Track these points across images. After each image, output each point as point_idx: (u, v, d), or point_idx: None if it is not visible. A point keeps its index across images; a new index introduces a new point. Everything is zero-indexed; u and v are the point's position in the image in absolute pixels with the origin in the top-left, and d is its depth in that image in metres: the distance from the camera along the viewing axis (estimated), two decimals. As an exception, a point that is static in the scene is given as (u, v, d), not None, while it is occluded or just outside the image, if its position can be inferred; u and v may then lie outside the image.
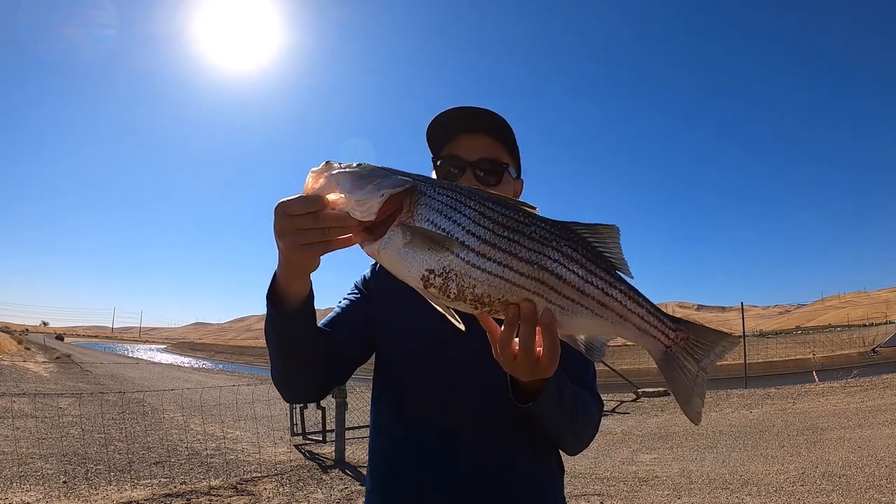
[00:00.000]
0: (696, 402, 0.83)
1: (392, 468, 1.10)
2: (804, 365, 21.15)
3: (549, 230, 0.78)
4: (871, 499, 4.48)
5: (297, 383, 1.05)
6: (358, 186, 0.74)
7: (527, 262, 0.75)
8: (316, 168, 0.78)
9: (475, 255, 0.74)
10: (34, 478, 5.06)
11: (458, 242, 0.74)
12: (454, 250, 0.74)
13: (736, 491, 4.90)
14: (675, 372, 0.82)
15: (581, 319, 0.78)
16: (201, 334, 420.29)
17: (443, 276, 0.74)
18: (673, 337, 0.81)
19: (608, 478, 5.54)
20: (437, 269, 0.74)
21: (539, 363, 0.81)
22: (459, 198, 0.77)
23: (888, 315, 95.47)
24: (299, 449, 6.99)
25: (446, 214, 0.75)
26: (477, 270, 0.74)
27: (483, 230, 0.75)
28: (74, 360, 26.07)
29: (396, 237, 0.75)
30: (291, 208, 0.75)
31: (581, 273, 0.77)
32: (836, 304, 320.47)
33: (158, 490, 4.89)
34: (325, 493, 5.11)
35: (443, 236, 0.74)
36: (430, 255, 0.74)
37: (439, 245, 0.73)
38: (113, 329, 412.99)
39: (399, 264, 0.76)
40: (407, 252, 0.74)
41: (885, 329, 35.05)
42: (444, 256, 0.74)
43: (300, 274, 0.88)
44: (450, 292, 0.75)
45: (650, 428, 8.34)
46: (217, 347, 71.53)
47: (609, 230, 0.80)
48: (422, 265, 0.74)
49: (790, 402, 10.00)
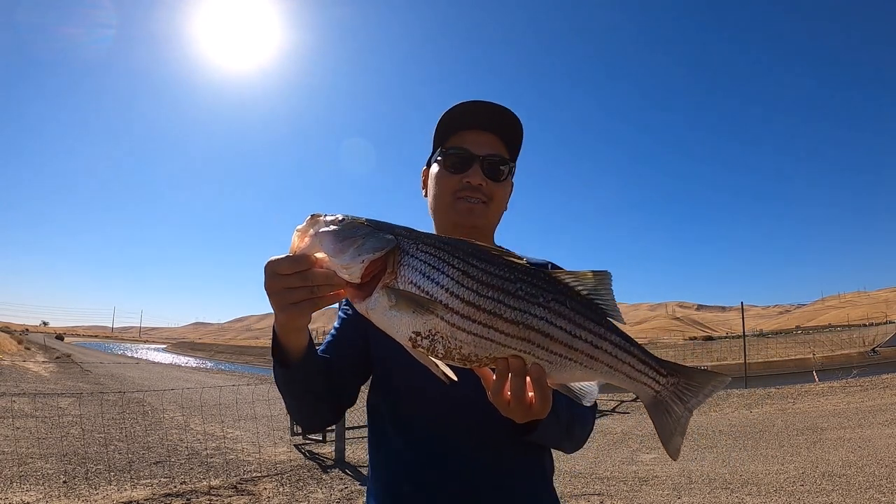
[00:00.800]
0: (676, 441, 0.85)
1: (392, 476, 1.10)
2: (804, 365, 21.15)
3: (535, 285, 0.77)
4: (871, 499, 4.48)
5: (313, 420, 1.12)
6: (340, 250, 0.75)
7: (512, 323, 0.75)
8: (301, 226, 0.79)
9: (459, 317, 0.74)
10: (34, 478, 5.06)
11: (442, 305, 0.74)
12: (438, 313, 0.74)
13: (736, 491, 4.90)
14: (661, 415, 0.84)
15: (571, 372, 0.79)
16: (201, 334, 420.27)
17: (430, 339, 0.75)
18: (663, 383, 0.82)
19: (608, 478, 5.54)
20: (423, 331, 0.75)
21: (531, 408, 0.81)
22: (442, 255, 0.76)
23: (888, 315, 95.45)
24: (299, 449, 6.99)
25: (429, 276, 0.75)
26: (462, 332, 0.75)
27: (467, 291, 0.75)
28: (74, 360, 26.07)
29: (382, 299, 0.75)
30: (280, 268, 0.76)
31: (569, 328, 0.76)
32: (836, 304, 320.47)
33: (158, 490, 4.89)
34: (325, 492, 5.11)
35: (426, 299, 0.74)
36: (415, 317, 0.74)
37: (424, 308, 0.74)
38: (113, 329, 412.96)
39: (387, 325, 0.77)
40: (393, 314, 0.75)
41: (885, 329, 35.06)
42: (429, 319, 0.74)
43: (294, 329, 0.90)
44: (438, 353, 0.76)
45: (650, 428, 8.29)
46: (217, 347, 71.49)
47: (600, 277, 0.80)
48: (409, 327, 0.75)
49: (790, 402, 10.00)
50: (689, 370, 0.84)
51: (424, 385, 1.09)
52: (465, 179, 1.14)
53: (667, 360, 0.83)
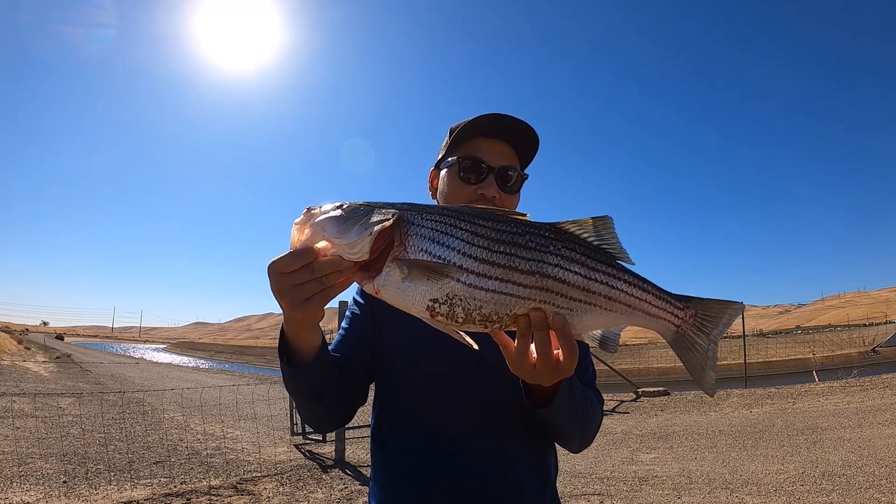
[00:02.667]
0: (709, 375, 0.84)
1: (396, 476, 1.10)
2: (804, 365, 21.14)
3: (544, 235, 0.77)
4: (871, 498, 4.48)
5: (329, 419, 1.11)
6: (345, 230, 0.73)
7: (528, 273, 0.75)
8: (298, 219, 0.77)
9: (475, 276, 0.73)
10: (34, 478, 5.06)
11: (457, 267, 0.73)
12: (454, 275, 0.73)
13: (736, 491, 4.90)
14: (688, 350, 0.83)
15: (591, 317, 0.78)
16: (201, 334, 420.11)
17: (448, 304, 0.74)
18: (682, 316, 0.82)
19: (608, 478, 5.54)
20: (440, 297, 0.74)
21: (559, 366, 0.81)
22: (449, 220, 0.76)
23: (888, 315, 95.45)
24: (299, 449, 6.99)
25: (439, 241, 0.74)
26: (480, 291, 0.74)
27: (479, 249, 0.74)
28: (74, 360, 26.06)
29: (394, 273, 0.74)
30: (284, 265, 0.74)
31: (583, 272, 0.77)
32: (836, 303, 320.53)
33: (158, 490, 4.89)
34: (325, 492, 5.11)
35: (440, 264, 0.73)
36: (430, 284, 0.73)
37: (438, 273, 0.73)
38: (113, 329, 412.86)
39: (401, 299, 0.75)
40: (407, 286, 0.74)
41: (885, 329, 35.03)
42: (444, 284, 0.73)
43: (308, 327, 0.89)
44: (457, 317, 0.74)
45: (650, 428, 8.34)
46: (217, 347, 71.47)
47: (602, 221, 0.80)
48: (424, 296, 0.74)
49: (790, 401, 9.99)
50: (704, 300, 0.83)
51: (431, 385, 1.10)
52: (479, 191, 1.13)
53: (681, 294, 0.83)
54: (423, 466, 1.07)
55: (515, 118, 1.14)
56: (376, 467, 1.16)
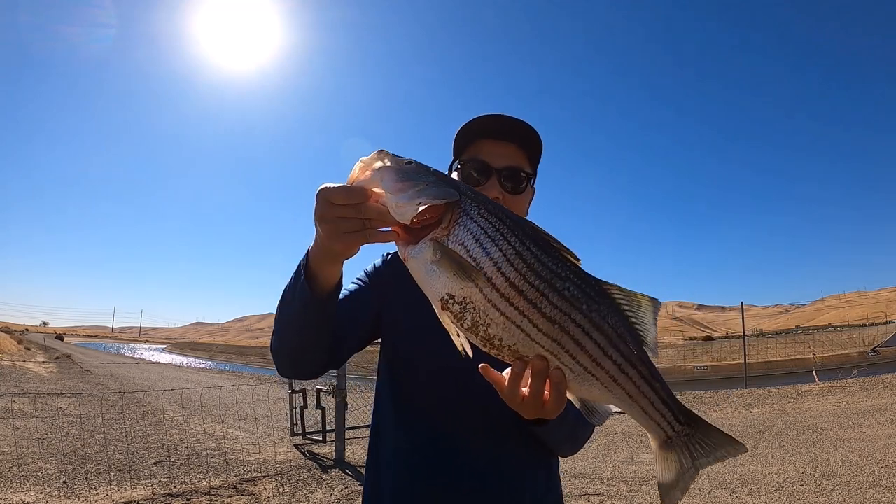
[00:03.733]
0: (675, 495, 0.80)
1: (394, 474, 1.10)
2: (804, 365, 21.16)
3: (583, 290, 0.73)
4: (871, 499, 4.48)
5: (302, 362, 1.04)
6: (400, 189, 0.72)
7: (549, 320, 0.72)
8: (366, 157, 0.75)
9: (499, 295, 0.71)
10: (34, 478, 5.06)
11: (485, 278, 0.70)
12: (479, 284, 0.71)
13: (736, 491, 4.90)
14: (668, 462, 0.80)
15: (589, 388, 0.76)
16: (201, 334, 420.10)
17: (461, 305, 0.72)
18: (678, 430, 0.79)
19: (608, 478, 5.54)
20: (457, 296, 0.71)
21: (545, 407, 0.80)
22: (501, 228, 0.73)
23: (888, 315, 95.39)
24: (299, 449, 6.99)
25: (482, 243, 0.71)
26: (496, 311, 0.71)
27: (514, 272, 0.71)
28: (74, 360, 26.06)
29: (427, 250, 0.72)
30: (335, 196, 0.73)
31: (602, 344, 0.73)
32: (836, 303, 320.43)
33: (158, 490, 4.89)
34: (325, 493, 5.11)
35: (471, 266, 0.70)
36: (454, 280, 0.71)
37: (465, 274, 0.70)
38: (113, 329, 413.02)
39: (423, 277, 0.73)
40: (433, 269, 0.72)
41: (885, 329, 35.07)
42: (467, 286, 0.71)
43: (335, 260, 0.86)
44: (464, 322, 0.73)
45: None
46: (217, 347, 71.48)
47: (648, 302, 0.76)
48: (444, 287, 0.72)
49: (790, 402, 9.99)
50: (708, 426, 0.79)
51: (432, 383, 1.09)
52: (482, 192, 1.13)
53: (690, 409, 0.79)
54: (423, 465, 1.07)
55: (515, 118, 1.13)
56: (374, 465, 1.16)
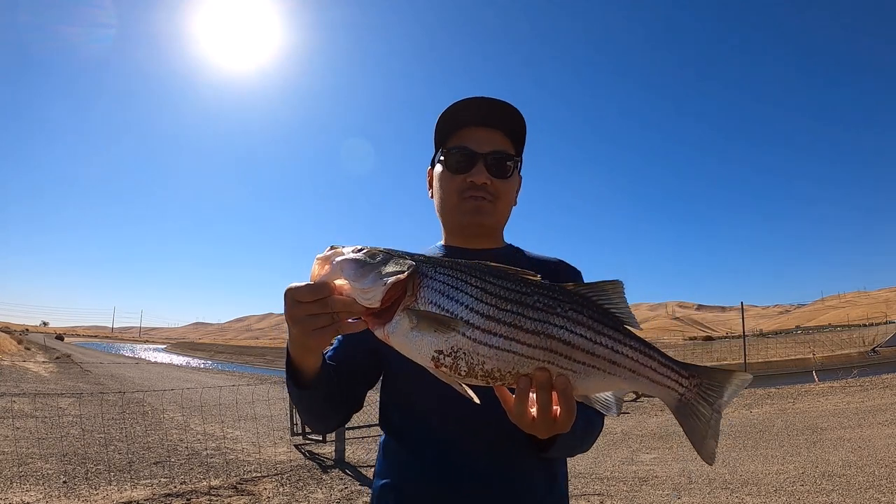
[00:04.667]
0: (710, 444, 0.84)
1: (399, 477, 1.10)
2: (804, 365, 21.14)
3: (552, 297, 0.78)
4: (871, 499, 4.48)
5: (325, 425, 1.15)
6: (361, 275, 0.76)
7: (533, 333, 0.76)
8: (321, 254, 0.80)
9: (481, 332, 0.75)
10: (34, 478, 5.06)
11: (463, 321, 0.75)
12: (460, 330, 0.75)
13: (736, 491, 4.90)
14: (690, 418, 0.83)
15: (594, 380, 0.79)
16: (201, 334, 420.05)
17: (452, 356, 0.75)
18: (686, 385, 0.82)
19: (608, 478, 5.54)
20: (445, 349, 0.75)
21: (557, 422, 0.81)
22: (460, 276, 0.78)
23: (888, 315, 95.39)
24: (299, 449, 6.99)
25: (448, 295, 0.76)
26: (484, 347, 0.75)
27: (486, 306, 0.76)
28: (74, 360, 26.07)
29: (403, 322, 0.76)
30: (300, 295, 0.77)
31: (588, 335, 0.77)
32: (836, 303, 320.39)
33: (158, 490, 4.89)
34: (325, 493, 5.11)
35: (447, 318, 0.75)
36: (436, 336, 0.75)
37: (445, 326, 0.74)
38: (113, 329, 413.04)
39: (408, 347, 0.77)
40: (415, 335, 0.76)
41: (885, 329, 35.04)
42: (450, 337, 0.75)
43: (312, 353, 0.92)
44: (461, 370, 0.76)
45: (650, 428, 8.34)
46: (217, 347, 71.50)
47: (613, 286, 0.81)
48: (431, 347, 0.75)
49: (790, 402, 10.00)
50: (710, 370, 0.83)
51: (436, 387, 1.09)
52: (468, 179, 1.12)
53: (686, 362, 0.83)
54: (426, 468, 1.07)
55: (497, 100, 1.12)
56: (378, 473, 1.16)
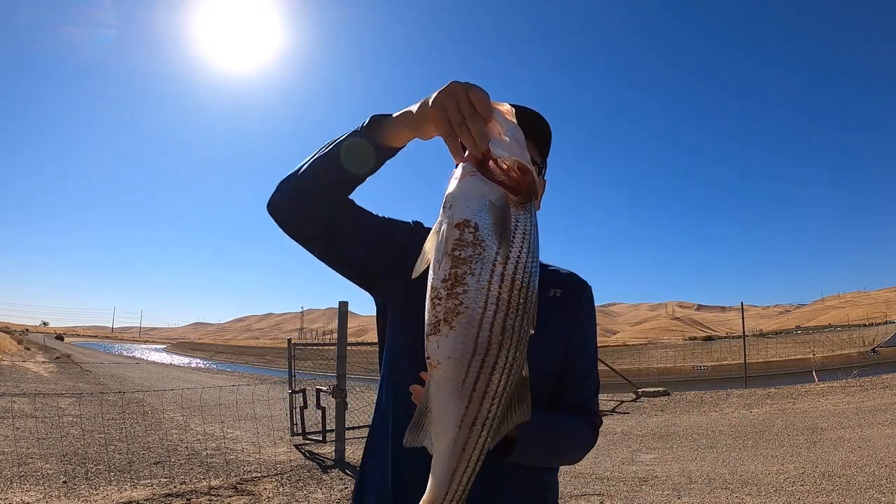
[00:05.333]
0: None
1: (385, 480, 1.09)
2: (804, 365, 21.18)
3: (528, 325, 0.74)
4: (871, 498, 4.48)
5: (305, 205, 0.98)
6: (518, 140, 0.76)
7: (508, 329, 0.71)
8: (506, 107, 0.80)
9: (498, 279, 0.70)
10: (34, 478, 5.06)
11: (505, 257, 0.71)
12: (501, 251, 0.71)
13: (736, 491, 4.90)
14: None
15: None
16: (201, 334, 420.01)
17: (472, 246, 0.71)
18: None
19: (608, 478, 5.54)
20: (471, 239, 0.71)
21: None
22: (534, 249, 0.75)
23: (888, 315, 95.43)
24: (299, 449, 6.99)
25: (520, 241, 0.72)
26: (481, 283, 0.70)
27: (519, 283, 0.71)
28: (74, 360, 26.07)
29: (493, 192, 0.73)
30: (474, 94, 0.77)
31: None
32: (836, 304, 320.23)
33: (158, 490, 4.89)
34: (325, 493, 5.11)
35: (507, 239, 0.71)
36: (486, 224, 0.71)
37: (499, 240, 0.71)
38: (113, 329, 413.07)
39: (461, 196, 0.74)
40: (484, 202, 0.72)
41: (885, 329, 35.10)
42: (489, 247, 0.71)
43: (416, 128, 0.89)
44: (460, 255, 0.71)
45: (650, 428, 8.34)
46: (217, 347, 71.55)
47: None
48: (472, 215, 0.72)
49: (790, 402, 10.00)
50: None
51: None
52: None
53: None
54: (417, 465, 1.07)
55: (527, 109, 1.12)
56: (363, 470, 1.16)
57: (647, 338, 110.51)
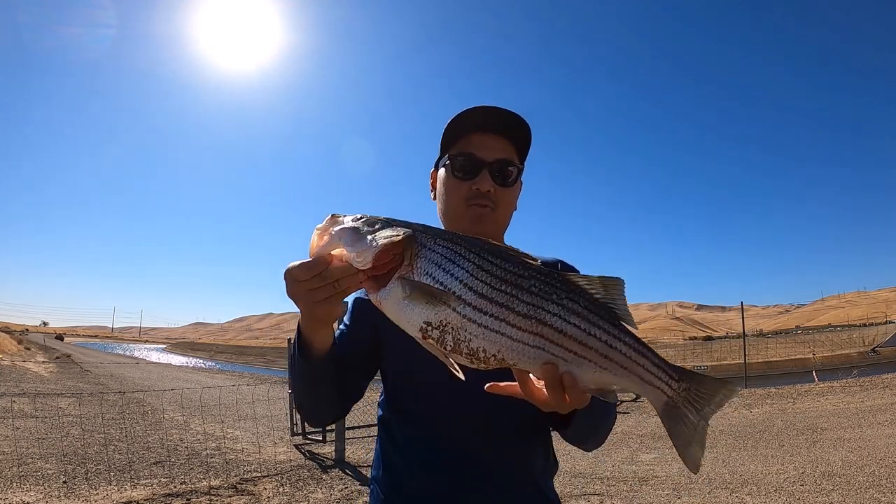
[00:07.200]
0: (695, 451, 0.82)
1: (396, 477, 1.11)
2: (804, 365, 21.17)
3: (550, 283, 0.76)
4: (871, 498, 4.48)
5: (326, 411, 1.13)
6: (357, 239, 0.76)
7: (525, 317, 0.74)
8: (321, 224, 0.80)
9: (471, 309, 0.74)
10: (34, 478, 5.06)
11: (455, 297, 0.74)
12: (451, 304, 0.74)
13: (736, 491, 4.90)
14: (677, 422, 0.82)
15: (584, 372, 0.77)
16: (201, 334, 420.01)
17: (440, 329, 0.74)
18: (675, 388, 0.81)
19: (608, 478, 5.54)
20: (434, 322, 0.74)
21: (571, 406, 0.80)
22: (459, 250, 0.77)
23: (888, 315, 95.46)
24: (299, 449, 6.99)
25: (444, 267, 0.75)
26: (473, 325, 0.74)
27: (481, 284, 0.75)
28: (74, 360, 26.07)
29: (396, 290, 0.75)
30: (298, 274, 0.78)
31: (583, 326, 0.76)
32: (836, 303, 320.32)
33: (158, 490, 4.89)
34: (325, 493, 5.11)
35: (440, 291, 0.74)
36: (427, 308, 0.74)
37: (437, 299, 0.74)
38: (113, 329, 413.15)
39: (399, 315, 0.76)
40: (406, 304, 0.75)
41: (884, 329, 35.10)
42: (441, 310, 0.74)
43: (324, 325, 0.92)
44: (446, 344, 0.75)
45: (650, 428, 8.34)
46: (217, 347, 71.54)
47: (613, 283, 0.79)
48: (420, 318, 0.75)
49: (790, 402, 10.00)
50: (700, 376, 0.82)
51: (431, 389, 1.10)
52: (474, 186, 1.12)
53: (679, 366, 0.82)
54: (418, 467, 1.08)
55: (505, 110, 1.13)
56: (375, 468, 1.18)
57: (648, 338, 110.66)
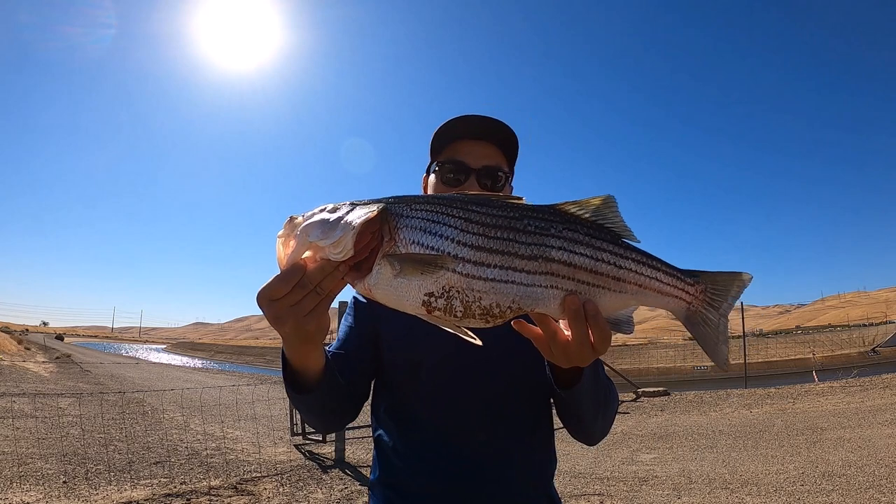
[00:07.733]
0: (722, 350, 0.82)
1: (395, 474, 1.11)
2: (804, 365, 21.17)
3: (544, 218, 0.73)
4: (871, 498, 4.48)
5: (330, 427, 1.16)
6: (328, 230, 0.69)
7: (530, 258, 0.71)
8: (281, 231, 0.74)
9: (472, 265, 0.69)
10: (34, 478, 5.06)
11: (451, 256, 0.69)
12: (449, 266, 0.69)
13: (736, 491, 4.90)
14: (700, 325, 0.81)
15: (601, 300, 0.74)
16: (201, 334, 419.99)
17: (445, 297, 0.69)
18: (693, 292, 0.80)
19: (608, 478, 5.54)
20: (436, 290, 0.69)
21: (594, 348, 0.77)
22: (440, 209, 0.72)
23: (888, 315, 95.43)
24: (299, 449, 6.99)
25: (430, 230, 0.70)
26: (479, 281, 0.69)
27: (474, 237, 0.70)
28: (74, 360, 26.06)
29: (385, 270, 0.70)
30: (273, 292, 0.70)
31: (589, 253, 0.73)
32: (836, 303, 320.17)
33: (158, 490, 4.89)
34: (325, 493, 5.10)
35: (433, 255, 0.69)
36: (424, 278, 0.69)
37: (432, 265, 0.68)
38: (113, 329, 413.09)
39: (395, 296, 0.71)
40: (400, 282, 0.69)
41: (884, 329, 35.08)
42: (440, 276, 0.69)
43: (316, 344, 0.85)
44: (456, 311, 0.70)
45: (650, 428, 8.34)
46: (217, 347, 71.52)
47: (604, 201, 0.76)
48: (419, 291, 0.69)
49: (790, 402, 9.99)
50: (712, 274, 0.82)
51: (431, 389, 1.10)
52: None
53: (688, 269, 0.81)
54: (417, 463, 1.08)
55: (492, 119, 1.14)
56: (374, 467, 1.18)
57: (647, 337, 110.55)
